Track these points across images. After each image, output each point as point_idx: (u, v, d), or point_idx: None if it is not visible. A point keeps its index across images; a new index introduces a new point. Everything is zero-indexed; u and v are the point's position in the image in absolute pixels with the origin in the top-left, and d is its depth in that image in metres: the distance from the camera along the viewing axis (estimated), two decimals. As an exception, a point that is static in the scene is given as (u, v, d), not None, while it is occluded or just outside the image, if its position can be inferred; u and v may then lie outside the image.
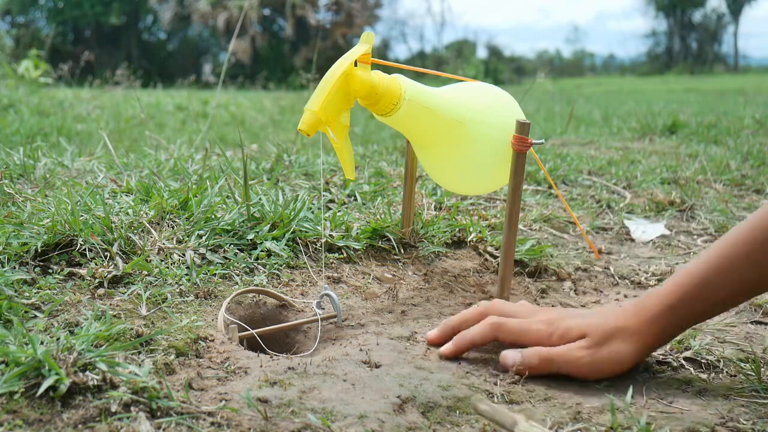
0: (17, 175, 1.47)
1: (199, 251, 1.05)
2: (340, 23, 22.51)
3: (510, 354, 0.83)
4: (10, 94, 5.58)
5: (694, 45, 38.85)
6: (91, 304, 0.86)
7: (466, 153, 1.03)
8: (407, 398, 0.73)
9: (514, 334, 0.85)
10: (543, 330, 0.84)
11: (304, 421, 0.65)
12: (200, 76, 16.55)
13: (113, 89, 7.47)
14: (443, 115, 0.99)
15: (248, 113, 6.41)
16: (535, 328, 0.84)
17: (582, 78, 31.15)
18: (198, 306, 0.92)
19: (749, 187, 2.03)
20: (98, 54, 15.96)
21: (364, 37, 0.93)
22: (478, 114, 1.01)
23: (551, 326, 0.84)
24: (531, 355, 0.81)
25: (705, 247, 1.47)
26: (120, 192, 1.35)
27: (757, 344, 0.95)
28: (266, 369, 0.77)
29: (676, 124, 3.65)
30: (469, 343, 0.85)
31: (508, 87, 4.54)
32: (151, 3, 23.78)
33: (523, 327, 0.85)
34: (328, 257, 1.13)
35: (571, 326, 0.83)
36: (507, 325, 0.85)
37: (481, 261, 1.24)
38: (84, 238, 0.99)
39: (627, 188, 1.92)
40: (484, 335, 0.85)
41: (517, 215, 1.04)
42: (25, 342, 0.70)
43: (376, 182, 1.62)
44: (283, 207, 1.19)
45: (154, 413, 0.64)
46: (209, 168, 1.58)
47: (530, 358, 0.81)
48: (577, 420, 0.71)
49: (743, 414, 0.74)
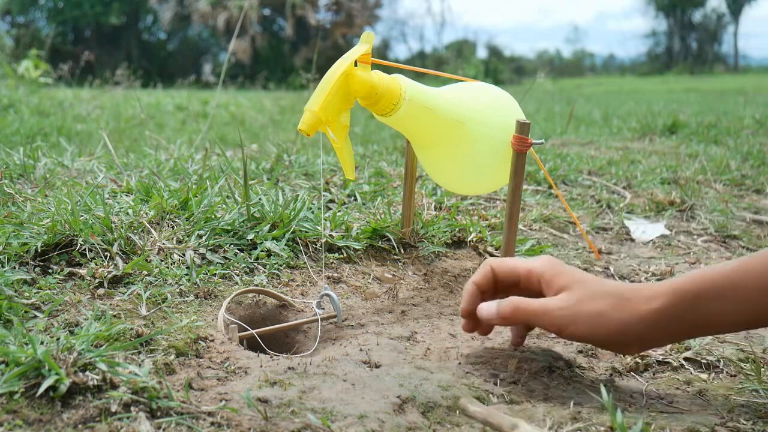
0: (17, 175, 1.47)
1: (199, 251, 1.05)
2: (340, 23, 22.50)
3: (485, 305, 0.81)
4: (10, 94, 5.59)
5: (694, 45, 38.86)
6: (91, 304, 0.86)
7: (466, 153, 1.03)
8: (407, 398, 0.73)
9: (507, 266, 0.82)
10: (536, 265, 0.81)
11: (304, 421, 0.65)
12: (200, 76, 16.56)
13: (113, 89, 7.47)
14: (443, 115, 0.99)
15: (248, 113, 6.41)
16: (528, 262, 0.82)
17: (582, 78, 31.15)
18: (198, 306, 0.92)
19: (749, 187, 2.03)
20: (98, 54, 15.97)
21: (364, 37, 0.93)
22: (478, 114, 1.01)
23: (545, 266, 0.80)
24: (506, 304, 0.79)
25: (705, 247, 1.47)
26: (120, 192, 1.35)
27: (757, 344, 0.95)
28: (266, 369, 0.77)
29: (676, 124, 3.65)
30: (474, 288, 0.83)
31: (508, 87, 4.54)
32: (151, 3, 23.78)
33: (518, 260, 0.83)
34: (328, 257, 1.13)
35: (560, 273, 0.79)
36: (503, 261, 0.83)
37: (481, 261, 1.24)
38: (84, 238, 0.99)
39: (627, 188, 1.92)
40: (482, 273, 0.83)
41: (517, 215, 1.04)
42: (25, 342, 0.70)
43: (376, 182, 1.62)
44: (283, 207, 1.19)
45: (154, 413, 0.64)
46: (209, 168, 1.58)
47: (504, 307, 0.79)
48: (577, 420, 0.71)
49: (743, 414, 0.74)
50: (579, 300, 0.76)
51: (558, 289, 0.78)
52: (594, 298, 0.75)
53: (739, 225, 1.63)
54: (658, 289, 0.74)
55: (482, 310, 0.80)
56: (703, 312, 0.73)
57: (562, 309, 0.76)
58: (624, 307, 0.74)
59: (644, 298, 0.74)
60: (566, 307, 0.76)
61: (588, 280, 0.78)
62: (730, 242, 1.52)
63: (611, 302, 0.75)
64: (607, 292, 0.76)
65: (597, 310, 0.75)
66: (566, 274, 0.78)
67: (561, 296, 0.77)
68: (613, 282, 0.79)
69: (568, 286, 0.77)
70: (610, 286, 0.77)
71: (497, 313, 0.79)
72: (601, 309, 0.75)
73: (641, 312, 0.74)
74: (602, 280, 0.79)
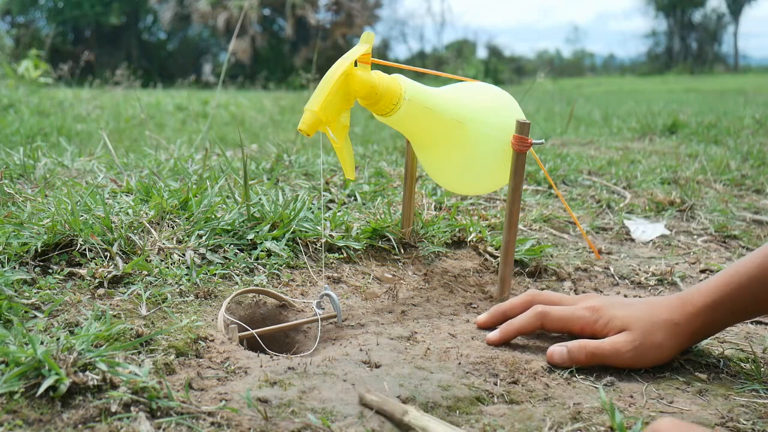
0: (17, 175, 1.47)
1: (199, 251, 1.05)
2: (340, 23, 22.50)
3: (557, 349, 0.85)
4: (10, 94, 5.59)
5: (694, 45, 38.85)
6: (91, 304, 0.86)
7: (466, 153, 1.03)
8: (407, 398, 0.73)
9: (559, 321, 0.88)
10: (587, 317, 0.87)
11: (304, 421, 0.65)
12: (200, 76, 16.57)
13: (113, 89, 7.48)
14: (443, 115, 0.99)
15: (248, 113, 6.41)
16: (578, 315, 0.87)
17: (582, 78, 31.13)
18: (198, 306, 0.92)
19: (749, 187, 2.03)
20: (98, 54, 15.96)
21: (364, 37, 0.93)
22: (478, 114, 1.01)
23: (595, 314, 0.86)
24: (577, 350, 0.83)
25: (705, 247, 1.47)
26: (120, 192, 1.35)
27: (757, 344, 0.95)
28: (266, 369, 0.77)
29: (676, 124, 3.65)
30: (516, 331, 0.89)
31: (508, 87, 4.54)
32: (151, 3, 23.78)
33: (567, 314, 0.88)
34: (328, 257, 1.13)
35: (615, 316, 0.85)
36: (552, 313, 0.88)
37: (481, 261, 1.24)
38: (84, 238, 0.99)
39: (627, 188, 1.92)
40: (530, 323, 0.89)
41: (517, 215, 1.04)
42: (25, 342, 0.70)
43: (376, 182, 1.62)
44: (283, 207, 1.19)
45: (154, 413, 0.64)
46: (209, 168, 1.58)
47: (576, 353, 0.83)
48: (577, 420, 0.71)
49: (743, 414, 0.74)
50: (641, 335, 0.83)
51: (619, 329, 0.84)
52: (653, 332, 0.83)
53: (739, 225, 1.63)
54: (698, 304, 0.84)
55: (554, 354, 0.85)
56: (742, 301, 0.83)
57: (629, 351, 0.83)
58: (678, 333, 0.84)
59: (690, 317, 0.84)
60: (633, 348, 0.83)
61: (641, 314, 0.85)
62: (730, 242, 1.52)
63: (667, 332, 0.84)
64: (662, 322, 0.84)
65: (659, 343, 0.83)
66: (618, 317, 0.85)
67: (624, 336, 0.84)
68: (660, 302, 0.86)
69: (627, 325, 0.84)
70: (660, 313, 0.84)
71: (569, 358, 0.84)
72: (662, 342, 0.83)
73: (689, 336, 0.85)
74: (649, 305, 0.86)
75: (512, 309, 0.94)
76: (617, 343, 0.83)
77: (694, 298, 0.84)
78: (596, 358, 0.83)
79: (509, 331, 0.89)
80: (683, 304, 0.84)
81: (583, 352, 0.83)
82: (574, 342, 0.84)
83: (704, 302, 0.83)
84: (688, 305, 0.84)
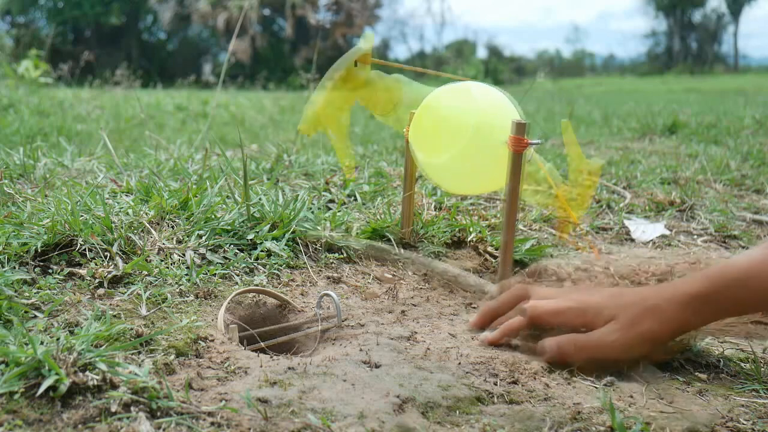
0: (17, 175, 1.47)
1: (199, 251, 1.05)
2: (340, 23, 22.51)
3: (548, 343, 0.85)
4: (10, 94, 5.59)
5: (694, 45, 38.86)
6: (91, 304, 0.86)
7: (465, 153, 1.03)
8: (407, 398, 0.73)
9: (548, 314, 0.88)
10: (575, 308, 0.87)
11: (304, 421, 0.65)
12: (200, 76, 16.54)
13: (113, 89, 7.48)
14: (443, 115, 0.99)
15: (248, 113, 6.41)
16: (566, 306, 0.87)
17: (582, 78, 31.13)
18: (198, 306, 0.92)
19: (749, 187, 2.03)
20: (98, 54, 15.97)
21: (364, 37, 0.93)
22: (477, 114, 1.01)
23: (583, 304, 0.86)
24: (567, 344, 0.84)
25: (705, 247, 1.47)
26: (120, 192, 1.35)
27: (757, 344, 0.95)
28: (266, 369, 0.77)
29: (676, 124, 3.66)
30: (514, 331, 0.90)
31: (508, 87, 4.54)
32: (151, 3, 23.79)
33: (557, 307, 0.88)
34: (328, 257, 1.13)
35: (604, 306, 0.85)
36: (541, 308, 0.88)
37: (481, 261, 1.24)
38: (84, 238, 0.99)
39: (627, 188, 1.92)
40: (523, 323, 0.89)
41: (515, 215, 1.04)
42: (25, 342, 0.70)
43: (376, 182, 1.62)
44: (283, 207, 1.19)
45: (154, 413, 0.64)
46: (209, 168, 1.58)
47: (566, 346, 0.83)
48: (577, 420, 0.71)
49: (743, 414, 0.74)
50: (629, 323, 0.82)
51: (608, 320, 0.84)
52: (640, 321, 0.82)
53: (739, 225, 1.63)
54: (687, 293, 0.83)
55: (545, 347, 0.85)
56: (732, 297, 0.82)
57: (616, 340, 0.82)
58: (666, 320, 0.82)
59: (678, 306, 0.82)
60: (620, 337, 0.82)
61: (628, 304, 0.84)
62: (730, 242, 1.52)
63: (654, 319, 0.82)
64: (650, 308, 0.82)
65: (646, 329, 0.82)
66: (608, 307, 0.85)
67: (612, 326, 0.83)
68: (649, 290, 0.86)
69: (615, 315, 0.84)
70: (647, 299, 0.83)
71: (558, 353, 0.84)
72: (649, 328, 0.82)
73: (679, 325, 0.83)
74: (638, 294, 0.85)
75: (502, 305, 0.94)
76: (605, 334, 0.83)
77: (684, 288, 0.84)
78: (585, 350, 0.83)
79: (508, 330, 0.89)
80: (673, 293, 0.84)
81: (572, 346, 0.83)
82: (564, 336, 0.85)
83: (694, 293, 0.82)
84: (677, 295, 0.83)
